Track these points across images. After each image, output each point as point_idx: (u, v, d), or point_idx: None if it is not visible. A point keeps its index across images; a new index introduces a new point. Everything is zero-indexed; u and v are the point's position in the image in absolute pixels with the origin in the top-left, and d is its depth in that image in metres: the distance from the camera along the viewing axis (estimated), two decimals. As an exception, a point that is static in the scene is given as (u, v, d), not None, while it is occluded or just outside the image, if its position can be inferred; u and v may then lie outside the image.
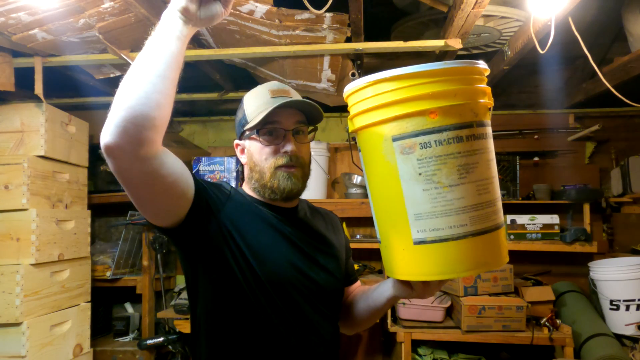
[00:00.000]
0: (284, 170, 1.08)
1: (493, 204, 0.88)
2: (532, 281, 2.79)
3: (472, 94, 0.87)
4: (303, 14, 1.83)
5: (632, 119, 3.15)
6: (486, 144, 0.89)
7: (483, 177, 0.86)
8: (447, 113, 0.84)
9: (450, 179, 0.84)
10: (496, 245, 0.89)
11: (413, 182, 0.85)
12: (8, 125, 2.27)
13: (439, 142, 0.84)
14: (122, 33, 1.95)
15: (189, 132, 3.50)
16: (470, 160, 0.85)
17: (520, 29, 2.10)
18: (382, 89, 0.86)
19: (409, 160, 0.85)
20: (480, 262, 0.87)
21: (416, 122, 0.84)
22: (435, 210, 0.84)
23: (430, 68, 0.83)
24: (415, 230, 0.86)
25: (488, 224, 0.86)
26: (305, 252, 1.11)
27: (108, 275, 2.88)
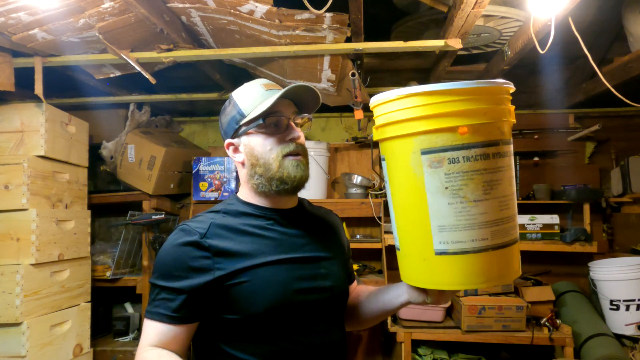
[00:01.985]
0: (291, 158, 1.06)
1: (512, 219, 0.92)
2: (532, 281, 2.79)
3: (500, 113, 0.90)
4: (303, 14, 1.83)
5: (632, 119, 3.15)
6: (509, 161, 0.92)
7: (505, 193, 0.90)
8: (477, 131, 0.87)
9: (476, 195, 0.87)
10: (512, 259, 0.93)
11: (439, 195, 0.88)
12: (8, 125, 2.27)
13: (467, 159, 0.87)
14: (122, 33, 1.95)
15: (189, 132, 3.50)
16: (495, 177, 0.88)
17: (520, 29, 2.10)
18: (414, 103, 0.88)
19: (436, 174, 0.88)
20: (497, 275, 0.91)
21: (446, 138, 0.87)
22: (459, 224, 0.87)
23: (464, 87, 0.86)
24: (438, 242, 0.89)
25: (507, 238, 0.90)
26: (308, 264, 1.08)
27: (108, 275, 2.88)
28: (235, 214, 1.08)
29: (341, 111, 3.26)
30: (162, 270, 1.01)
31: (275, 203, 1.11)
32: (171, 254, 1.01)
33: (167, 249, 1.02)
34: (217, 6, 1.82)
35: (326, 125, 3.38)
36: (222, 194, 2.87)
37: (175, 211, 3.24)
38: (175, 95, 2.90)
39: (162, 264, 1.01)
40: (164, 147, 2.87)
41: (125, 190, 3.06)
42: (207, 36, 2.15)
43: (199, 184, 2.89)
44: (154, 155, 2.86)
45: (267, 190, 1.07)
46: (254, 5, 1.76)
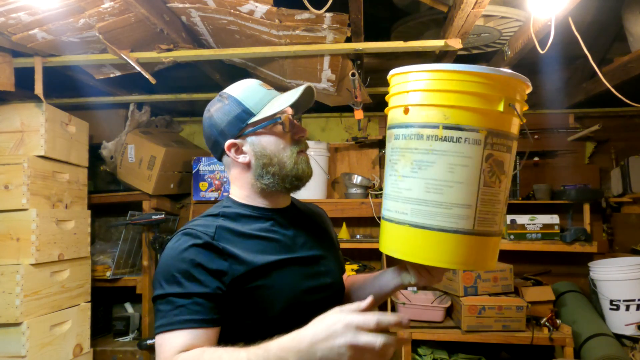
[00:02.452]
0: (301, 155, 1.09)
1: (445, 206, 0.90)
2: (532, 281, 2.79)
3: (449, 99, 0.90)
4: (303, 14, 1.83)
5: (632, 119, 3.15)
6: (457, 147, 0.90)
7: (436, 177, 0.91)
8: (417, 111, 0.94)
9: (404, 170, 0.95)
10: (441, 245, 0.92)
11: (387, 166, 1.01)
12: (8, 125, 2.27)
13: (405, 136, 0.95)
14: (122, 33, 1.95)
15: (189, 132, 3.50)
16: (425, 158, 0.92)
17: (520, 29, 2.10)
18: (393, 81, 1.01)
19: (389, 147, 1.01)
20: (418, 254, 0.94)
21: (396, 116, 0.98)
22: (392, 194, 0.98)
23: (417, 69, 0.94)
24: (384, 207, 1.02)
25: (429, 221, 0.92)
26: (310, 262, 1.09)
27: (108, 275, 2.88)
28: (234, 217, 1.07)
29: (341, 111, 3.26)
30: (176, 276, 0.93)
31: (274, 203, 1.12)
32: (184, 257, 0.95)
33: (176, 254, 0.96)
34: (217, 6, 1.82)
35: (326, 125, 3.38)
36: (222, 194, 2.87)
37: (175, 211, 3.24)
38: (175, 95, 2.90)
39: (175, 270, 0.94)
40: (164, 147, 2.87)
41: (125, 190, 3.06)
42: (207, 36, 2.15)
43: (199, 184, 2.89)
44: (154, 155, 2.86)
45: (280, 188, 1.07)
46: (254, 5, 1.76)
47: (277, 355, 0.78)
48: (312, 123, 3.36)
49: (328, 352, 0.75)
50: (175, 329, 0.89)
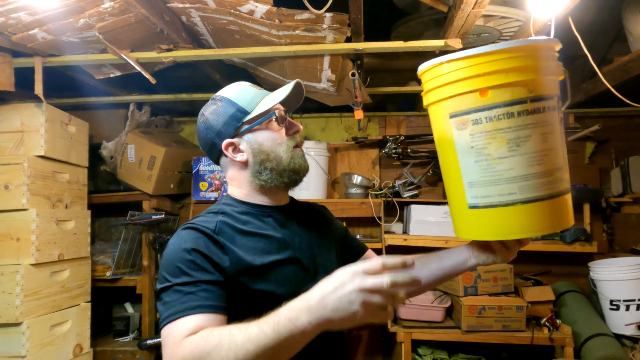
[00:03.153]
0: (297, 149, 1.11)
1: (548, 174, 0.93)
2: (532, 281, 2.79)
3: (528, 71, 0.92)
4: (303, 14, 1.83)
5: (632, 119, 3.15)
6: (544, 117, 0.93)
7: (535, 149, 0.92)
8: (498, 91, 0.90)
9: (499, 152, 0.91)
10: (552, 212, 0.95)
11: (466, 154, 0.95)
12: (8, 125, 2.27)
13: (489, 119, 0.91)
14: (122, 33, 1.95)
15: (189, 132, 3.50)
16: (521, 134, 0.91)
17: (520, 29, 2.10)
18: (443, 70, 0.94)
19: (462, 135, 0.94)
20: (534, 227, 0.94)
21: (469, 101, 0.92)
22: (485, 180, 0.93)
23: (487, 50, 0.90)
24: (470, 196, 0.96)
25: (539, 192, 0.92)
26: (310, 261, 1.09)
27: (108, 275, 2.88)
28: (234, 215, 1.08)
29: (341, 111, 3.26)
30: (181, 267, 0.93)
31: (273, 200, 1.13)
32: (187, 248, 0.95)
33: (179, 248, 0.96)
34: (217, 6, 1.82)
35: (326, 125, 3.38)
36: (222, 194, 2.87)
37: (175, 211, 3.24)
38: (175, 95, 2.90)
39: (179, 261, 0.94)
40: (164, 147, 2.87)
41: (125, 190, 3.06)
42: (207, 36, 2.15)
43: (199, 184, 2.89)
44: (154, 155, 2.86)
45: (279, 183, 1.09)
46: (254, 5, 1.76)
47: (288, 317, 0.76)
48: (312, 123, 3.36)
49: (338, 302, 0.73)
50: (184, 316, 0.87)
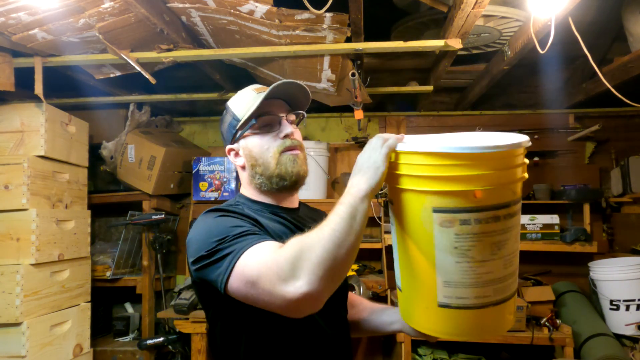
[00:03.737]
0: (287, 153, 1.09)
1: (514, 274, 0.94)
2: (532, 281, 2.79)
3: (515, 175, 0.90)
4: (303, 14, 1.83)
5: (632, 119, 3.15)
6: (518, 219, 0.92)
7: (511, 251, 0.91)
8: (490, 194, 0.86)
9: (483, 255, 0.87)
10: (509, 312, 0.95)
11: (447, 253, 0.88)
12: (8, 125, 2.27)
13: (478, 221, 0.86)
14: (122, 33, 1.95)
15: (189, 132, 3.50)
16: (503, 237, 0.88)
17: (520, 29, 2.10)
18: (432, 162, 0.87)
19: (446, 233, 0.87)
20: (493, 328, 0.95)
21: (459, 200, 0.86)
22: (464, 281, 0.88)
23: (483, 152, 0.85)
24: (442, 295, 0.90)
25: (507, 293, 0.92)
26: None
27: (108, 275, 2.88)
28: (250, 209, 1.10)
29: (341, 111, 3.26)
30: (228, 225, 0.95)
31: (279, 201, 1.14)
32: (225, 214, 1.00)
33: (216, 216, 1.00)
34: (217, 6, 1.82)
35: (326, 125, 3.38)
36: (222, 194, 2.87)
37: (175, 211, 3.24)
38: (175, 95, 2.90)
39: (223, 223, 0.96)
40: (164, 147, 2.87)
41: (125, 190, 3.06)
42: (207, 36, 2.14)
43: (199, 184, 2.89)
44: (154, 155, 2.86)
45: (269, 188, 1.11)
46: (254, 5, 1.76)
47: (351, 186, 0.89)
48: (312, 123, 3.36)
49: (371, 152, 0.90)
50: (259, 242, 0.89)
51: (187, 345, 2.64)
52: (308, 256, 0.81)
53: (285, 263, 0.81)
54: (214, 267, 0.91)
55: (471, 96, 2.91)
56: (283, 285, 0.81)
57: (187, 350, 2.66)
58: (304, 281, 0.80)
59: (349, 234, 0.84)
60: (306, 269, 0.80)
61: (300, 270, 0.80)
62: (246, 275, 0.86)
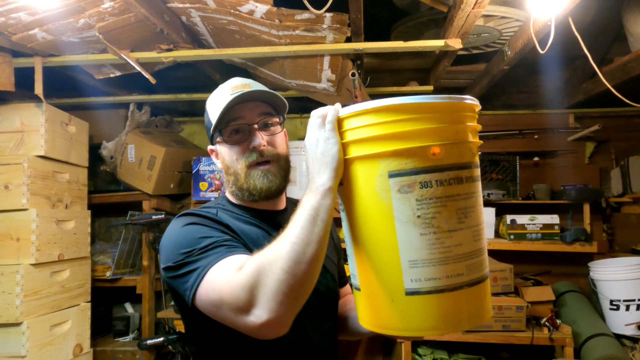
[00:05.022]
0: (257, 168, 1.01)
1: (483, 251, 0.82)
2: (532, 281, 2.79)
3: (471, 132, 0.82)
4: (303, 14, 1.83)
5: (632, 119, 3.15)
6: (479, 187, 0.83)
7: (478, 222, 0.80)
8: (449, 152, 0.77)
9: (450, 224, 0.76)
10: (486, 296, 0.83)
11: (410, 224, 0.76)
12: (8, 125, 2.27)
13: (440, 183, 0.76)
14: (122, 33, 1.95)
15: (189, 132, 3.50)
16: (468, 203, 0.78)
17: (520, 29, 2.10)
18: (382, 119, 0.77)
19: (406, 199, 0.76)
20: (472, 315, 0.80)
21: (417, 159, 0.76)
22: (432, 258, 0.76)
23: (435, 101, 0.77)
24: (409, 279, 0.77)
25: (480, 272, 0.80)
26: None
27: (108, 275, 2.88)
28: (228, 213, 1.06)
29: (341, 111, 3.26)
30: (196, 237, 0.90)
31: (260, 206, 1.07)
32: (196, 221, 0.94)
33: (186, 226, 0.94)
34: (217, 6, 1.82)
35: (326, 125, 3.37)
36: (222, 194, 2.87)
37: (175, 211, 3.24)
38: (175, 95, 2.90)
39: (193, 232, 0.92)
40: (164, 147, 2.87)
41: (125, 190, 3.06)
42: (207, 36, 2.15)
43: (199, 184, 2.89)
44: (154, 155, 2.86)
45: (241, 198, 1.05)
46: (254, 5, 1.76)
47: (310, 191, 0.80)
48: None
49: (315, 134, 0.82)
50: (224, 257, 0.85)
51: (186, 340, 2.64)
52: (264, 282, 0.76)
53: (242, 292, 0.77)
54: (181, 281, 0.88)
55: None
56: (243, 315, 0.77)
57: (187, 350, 2.66)
58: (264, 310, 0.76)
59: (309, 243, 0.76)
60: (264, 296, 0.76)
61: (258, 299, 0.76)
62: (210, 297, 0.83)
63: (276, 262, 0.76)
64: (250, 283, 0.76)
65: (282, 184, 1.04)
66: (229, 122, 1.01)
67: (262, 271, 0.76)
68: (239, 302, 0.77)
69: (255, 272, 0.77)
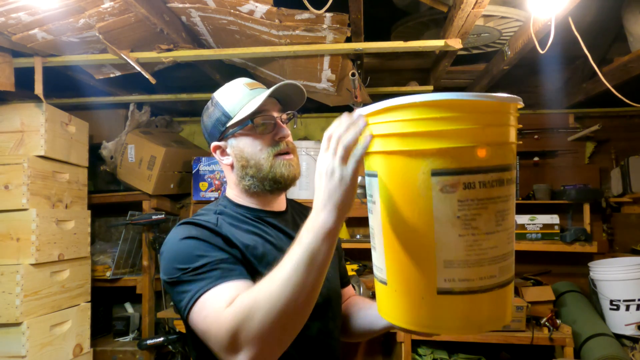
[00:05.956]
0: (282, 158, 1.05)
1: (513, 253, 0.82)
2: (532, 281, 2.79)
3: (515, 134, 0.80)
4: (303, 14, 1.83)
5: (632, 119, 3.15)
6: (515, 189, 0.82)
7: (512, 224, 0.80)
8: (495, 153, 0.75)
9: (489, 226, 0.75)
10: (511, 298, 0.83)
11: (449, 225, 0.75)
12: (8, 125, 2.27)
13: (483, 184, 0.74)
14: (122, 33, 1.95)
15: (189, 132, 3.50)
16: (506, 206, 0.77)
17: (520, 29, 2.10)
18: (429, 115, 0.74)
19: (448, 200, 0.74)
20: (497, 318, 0.80)
21: (463, 159, 0.74)
22: (468, 259, 0.75)
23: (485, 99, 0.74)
24: (442, 279, 0.76)
25: (510, 274, 0.80)
26: None
27: (108, 275, 2.88)
28: (230, 216, 1.07)
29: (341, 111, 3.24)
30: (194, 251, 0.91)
31: (264, 204, 1.10)
32: (194, 235, 0.94)
33: (186, 235, 0.94)
34: (217, 6, 1.82)
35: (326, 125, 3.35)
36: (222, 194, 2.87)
37: (175, 211, 3.24)
38: (175, 95, 2.90)
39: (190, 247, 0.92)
40: (164, 147, 2.87)
41: (125, 190, 3.07)
42: (207, 36, 2.15)
43: (199, 184, 2.89)
44: (154, 155, 2.86)
45: (260, 190, 1.06)
46: (254, 5, 1.76)
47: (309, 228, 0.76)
48: (312, 123, 3.36)
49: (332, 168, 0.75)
50: (215, 285, 0.85)
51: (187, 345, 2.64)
52: (250, 326, 0.76)
53: (227, 334, 0.77)
54: (176, 299, 0.91)
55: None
56: (226, 354, 0.79)
57: (187, 350, 2.66)
58: (246, 354, 0.77)
59: (304, 286, 0.75)
60: (248, 342, 0.76)
61: (242, 344, 0.77)
62: (199, 327, 0.85)
63: (264, 305, 0.75)
64: (236, 327, 0.77)
65: (299, 173, 1.09)
66: (256, 114, 1.04)
67: (249, 314, 0.76)
68: (224, 343, 0.78)
69: (241, 314, 0.77)
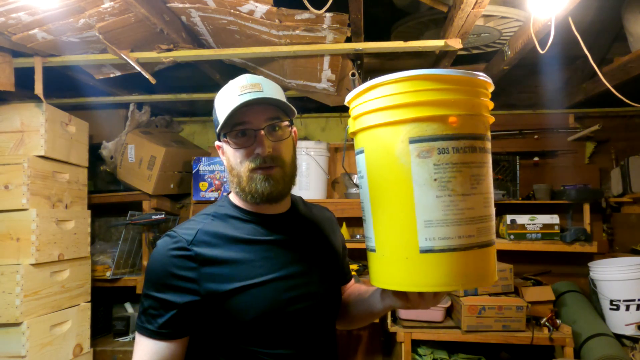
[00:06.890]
0: (259, 172, 1.00)
1: (492, 218, 0.90)
2: (532, 281, 2.79)
3: (484, 107, 0.91)
4: (303, 14, 1.83)
5: (632, 119, 3.15)
6: (489, 158, 0.92)
7: (488, 190, 0.89)
8: (465, 122, 0.86)
9: (464, 188, 0.84)
10: (493, 260, 0.91)
11: (427, 187, 0.84)
12: (8, 125, 2.27)
13: (456, 150, 0.84)
14: (122, 33, 1.95)
15: (189, 132, 3.50)
16: (480, 171, 0.87)
17: (520, 29, 2.10)
18: (405, 89, 0.86)
19: (425, 164, 0.84)
20: (478, 276, 0.88)
21: (436, 127, 0.84)
22: (446, 219, 0.83)
23: (456, 74, 0.85)
24: (424, 238, 0.84)
25: (489, 237, 0.88)
26: (298, 275, 1.04)
27: (108, 275, 2.88)
28: (224, 218, 1.05)
29: (341, 111, 3.26)
30: (151, 279, 0.99)
31: (261, 209, 1.07)
32: (159, 261, 0.98)
33: (155, 257, 0.99)
34: (217, 6, 1.82)
35: (326, 125, 3.38)
36: (222, 194, 2.87)
37: (175, 211, 3.24)
38: (175, 95, 2.90)
39: (150, 272, 1.00)
40: (164, 147, 2.87)
41: (125, 190, 3.06)
42: (207, 36, 2.15)
43: (199, 184, 2.89)
44: (154, 155, 2.86)
45: (244, 199, 1.04)
46: (254, 5, 1.76)
47: None
48: (312, 123, 3.36)
49: None
50: (141, 334, 1.00)
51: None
52: None
53: None
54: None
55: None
56: None
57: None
58: None
59: None
60: None
61: None
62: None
63: None
64: None
65: (285, 189, 1.04)
66: (234, 125, 1.00)
67: None
68: None
69: None
